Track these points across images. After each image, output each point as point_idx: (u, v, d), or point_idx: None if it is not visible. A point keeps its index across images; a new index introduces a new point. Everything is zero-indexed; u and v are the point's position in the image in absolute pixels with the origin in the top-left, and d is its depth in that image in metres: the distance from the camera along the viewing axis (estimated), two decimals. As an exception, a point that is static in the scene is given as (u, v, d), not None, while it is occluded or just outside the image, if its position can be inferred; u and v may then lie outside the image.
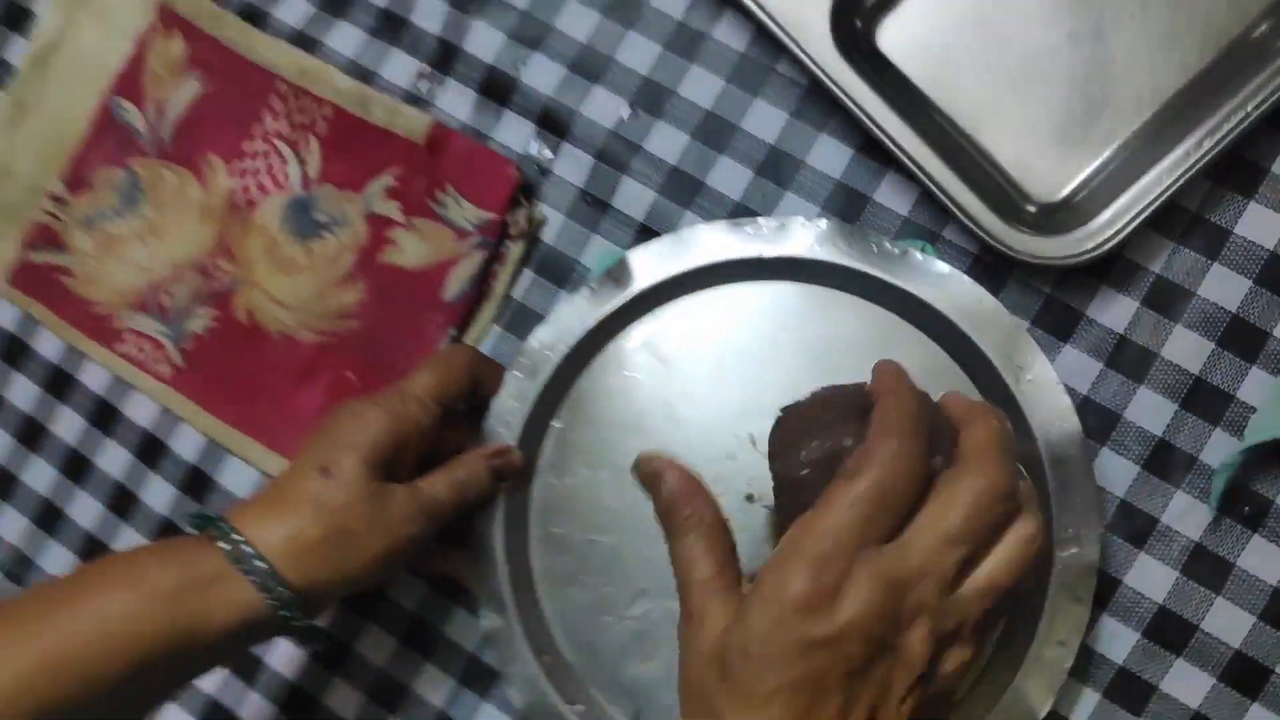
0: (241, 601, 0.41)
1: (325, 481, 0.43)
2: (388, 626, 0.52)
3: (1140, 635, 0.46)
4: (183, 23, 0.56)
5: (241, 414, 0.54)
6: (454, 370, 0.47)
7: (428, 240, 0.52)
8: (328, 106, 0.53)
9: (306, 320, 0.53)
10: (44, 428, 0.57)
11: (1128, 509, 0.46)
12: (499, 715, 0.51)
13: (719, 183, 0.50)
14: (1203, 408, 0.46)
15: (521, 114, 0.53)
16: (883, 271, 0.47)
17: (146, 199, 0.56)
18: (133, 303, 0.56)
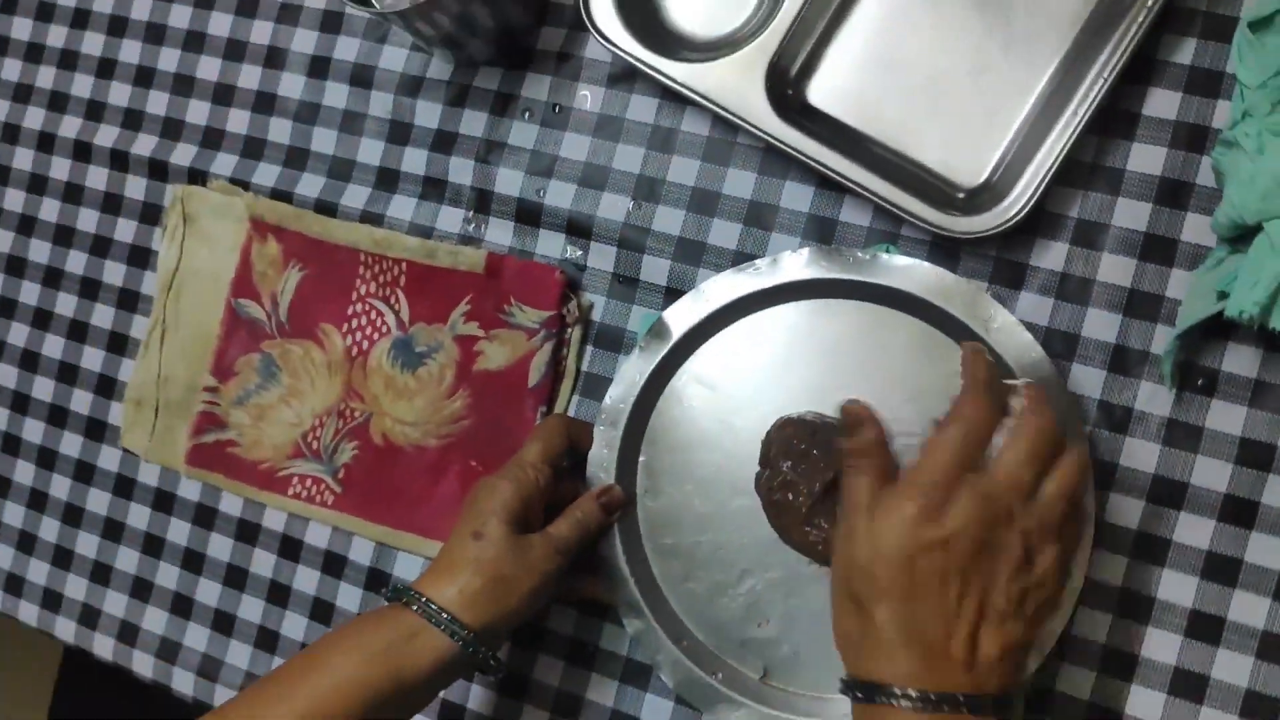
0: (437, 647, 0.54)
1: (478, 544, 0.56)
2: (553, 652, 0.64)
3: (1145, 501, 0.56)
4: (273, 228, 0.71)
5: (397, 516, 0.67)
6: (554, 436, 0.60)
7: (506, 345, 0.65)
8: (403, 263, 0.67)
9: (429, 430, 0.67)
10: (245, 569, 0.71)
11: (1105, 406, 0.57)
12: (659, 699, 0.62)
13: (717, 240, 0.63)
14: (1141, 311, 0.57)
15: (552, 229, 0.66)
16: (861, 275, 0.59)
17: (282, 371, 0.70)
18: (290, 453, 0.70)
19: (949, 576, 0.46)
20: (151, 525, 0.73)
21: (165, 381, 0.73)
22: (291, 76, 0.72)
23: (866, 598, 0.47)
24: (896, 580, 0.46)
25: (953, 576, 0.46)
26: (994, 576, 0.46)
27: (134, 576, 0.74)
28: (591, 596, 0.62)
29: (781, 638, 0.60)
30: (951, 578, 0.46)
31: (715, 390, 0.62)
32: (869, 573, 0.47)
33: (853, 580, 0.48)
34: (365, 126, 0.70)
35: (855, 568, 0.48)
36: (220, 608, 0.71)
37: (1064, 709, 0.57)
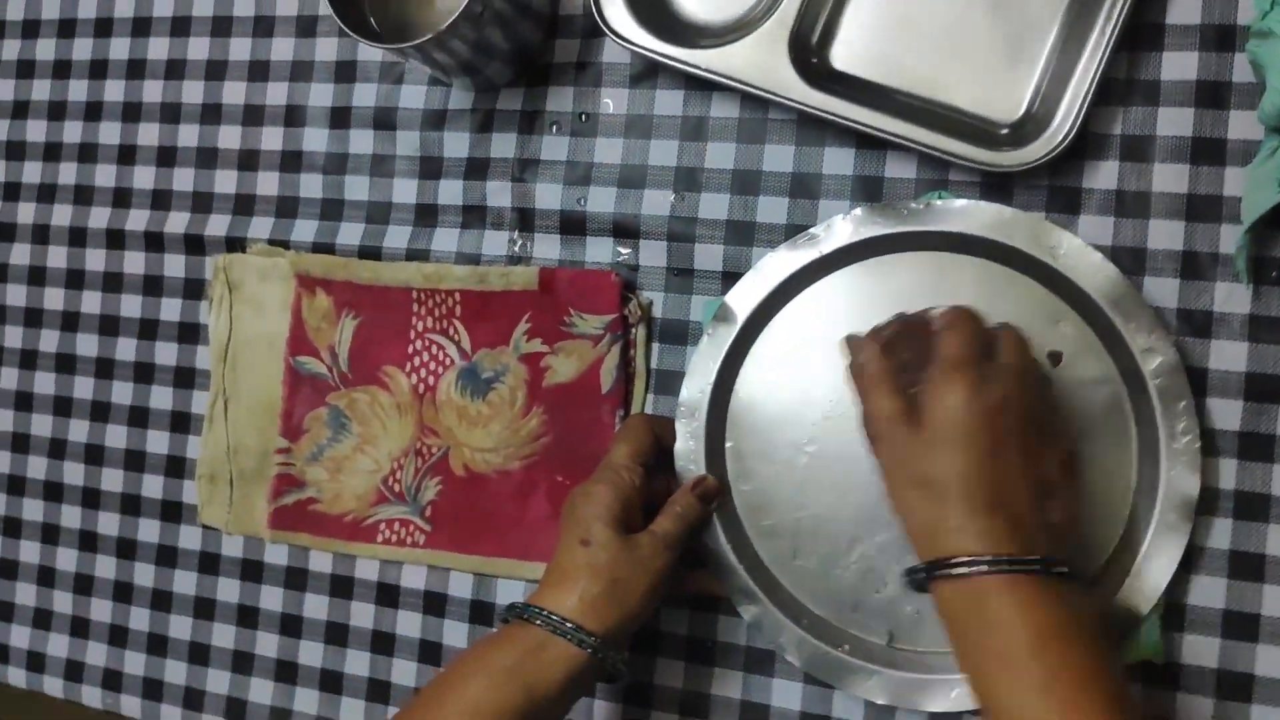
0: (565, 656, 0.53)
1: (588, 550, 0.55)
2: (672, 654, 0.64)
3: (1243, 400, 0.56)
4: (320, 281, 0.71)
5: (491, 544, 0.67)
6: (639, 435, 0.60)
7: (573, 356, 0.65)
8: (456, 294, 0.68)
9: (510, 453, 0.67)
10: (345, 625, 0.70)
11: (1185, 313, 0.57)
12: (787, 682, 0.62)
13: (766, 217, 0.63)
14: (1203, 214, 0.57)
15: (599, 234, 0.66)
16: (919, 225, 0.59)
17: (351, 420, 0.70)
18: (373, 501, 0.70)
19: (1012, 445, 0.49)
20: (243, 597, 0.73)
21: (236, 451, 0.73)
22: (314, 131, 0.73)
23: (937, 479, 0.49)
24: (968, 453, 0.48)
25: (1015, 445, 0.49)
26: (1041, 445, 0.50)
27: (233, 651, 0.73)
28: (702, 591, 0.62)
29: (902, 599, 0.59)
30: (1014, 446, 0.49)
31: (786, 365, 0.62)
32: (935, 457, 0.49)
33: (918, 470, 0.50)
34: (396, 167, 0.71)
35: (917, 459, 0.50)
36: (326, 667, 0.71)
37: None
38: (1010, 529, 0.48)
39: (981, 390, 0.49)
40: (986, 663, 0.47)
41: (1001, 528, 0.47)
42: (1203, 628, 0.56)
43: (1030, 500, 0.49)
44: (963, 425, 0.49)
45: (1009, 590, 0.46)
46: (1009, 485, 0.49)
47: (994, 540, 0.47)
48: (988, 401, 0.49)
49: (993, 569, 0.47)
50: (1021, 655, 0.45)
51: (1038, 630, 0.46)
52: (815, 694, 0.61)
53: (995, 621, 0.46)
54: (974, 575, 0.47)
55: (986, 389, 0.49)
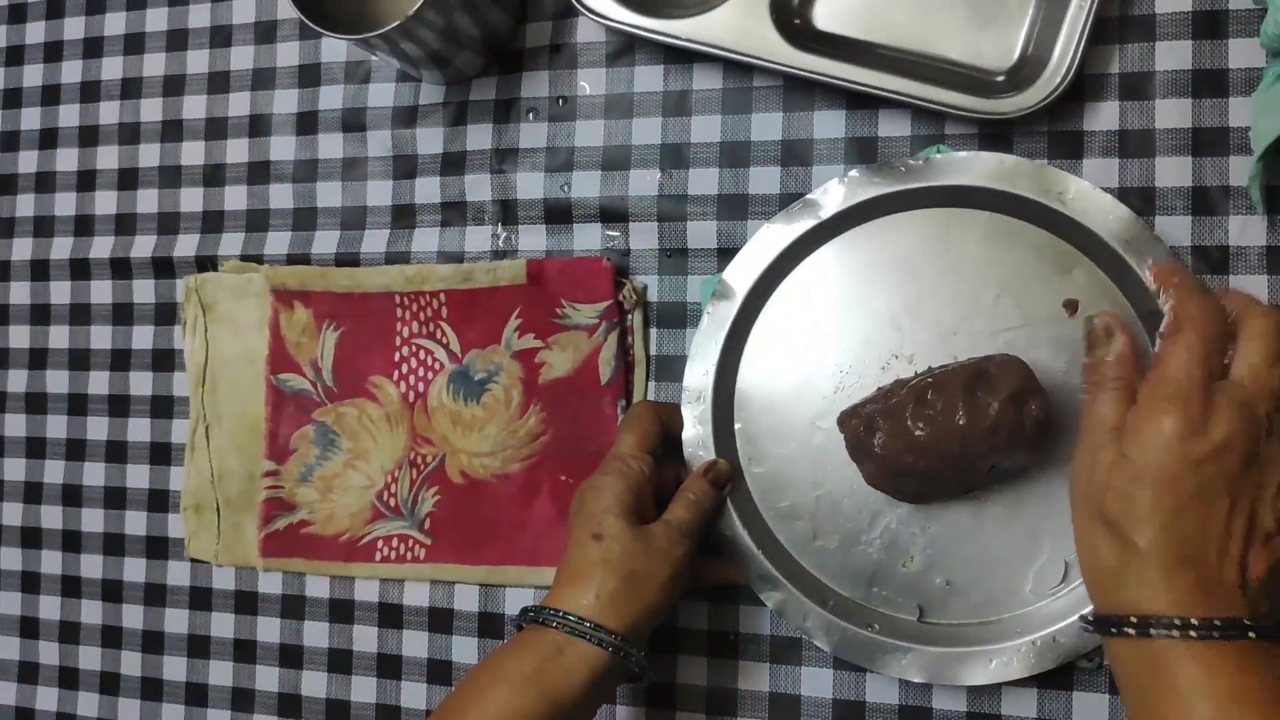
0: (587, 657, 0.51)
1: (601, 545, 0.53)
2: (694, 651, 0.61)
3: (1265, 336, 0.54)
4: (298, 294, 0.68)
5: (496, 552, 0.64)
6: (644, 423, 0.57)
7: (568, 348, 0.63)
8: (440, 294, 0.65)
9: (509, 456, 0.64)
10: (348, 650, 0.67)
11: (1200, 250, 0.55)
12: (817, 669, 0.59)
13: (759, 188, 0.61)
14: (1210, 147, 0.55)
15: (586, 220, 0.64)
16: (919, 182, 0.57)
17: (340, 436, 0.67)
18: (369, 518, 0.66)
19: (1219, 493, 0.42)
20: (239, 630, 0.70)
21: (221, 479, 0.70)
22: (281, 139, 0.70)
23: (1126, 522, 0.43)
24: (1163, 500, 0.42)
25: (1222, 493, 0.42)
26: (1261, 491, 0.43)
27: (232, 689, 0.70)
28: (720, 580, 0.59)
29: (930, 571, 0.56)
30: (1221, 494, 0.42)
31: (792, 340, 0.59)
32: (1128, 495, 0.43)
33: (1107, 505, 0.44)
34: (369, 169, 0.68)
35: (1109, 491, 0.44)
36: (332, 697, 0.67)
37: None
38: (1202, 589, 0.42)
39: (1199, 430, 0.42)
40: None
41: (1192, 587, 0.42)
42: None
43: (1232, 555, 0.42)
44: (1167, 466, 0.42)
45: (1194, 657, 0.41)
46: (1209, 539, 0.42)
47: (1183, 601, 0.42)
48: (1203, 445, 0.42)
49: (1178, 634, 0.41)
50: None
51: (1221, 706, 0.40)
52: (847, 679, 0.59)
53: (1176, 691, 0.41)
54: (1158, 639, 0.42)
55: (1206, 429, 0.42)
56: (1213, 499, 0.42)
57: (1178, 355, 0.44)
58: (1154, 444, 0.43)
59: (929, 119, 0.59)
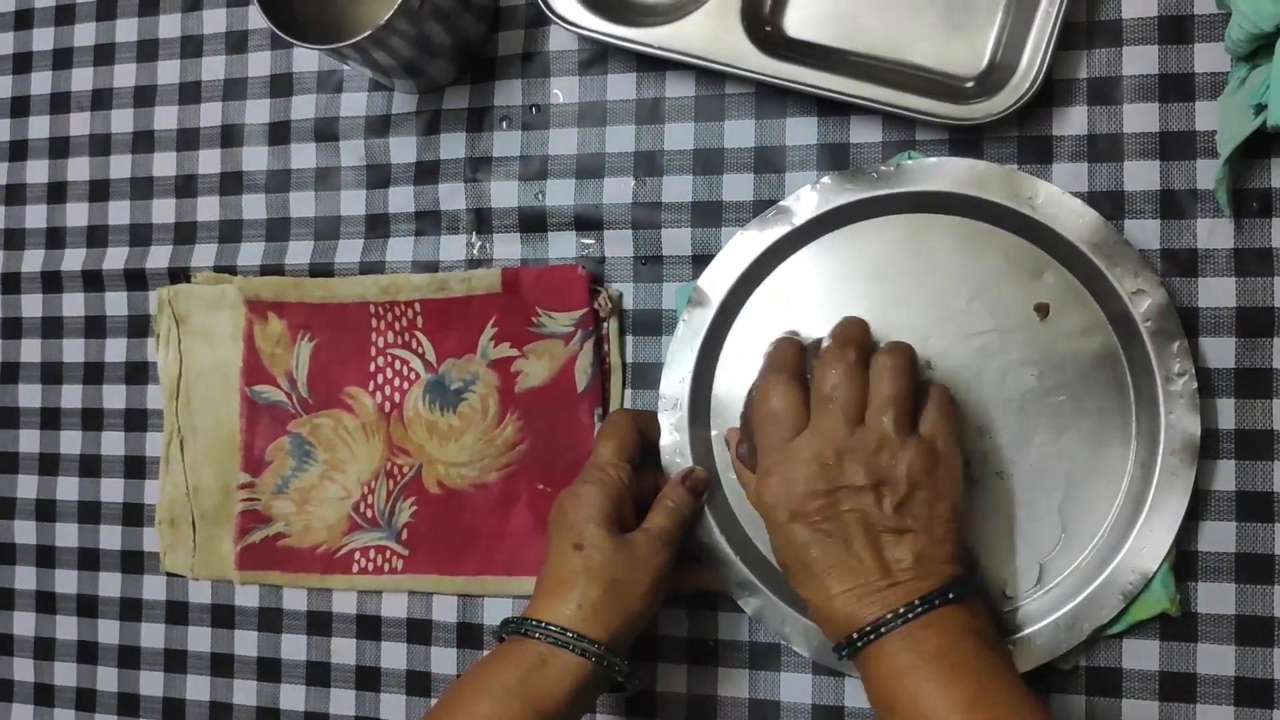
0: (570, 668, 0.51)
1: (582, 554, 0.53)
2: (674, 658, 0.61)
3: (1235, 337, 0.55)
4: (272, 305, 0.68)
5: (474, 563, 0.64)
6: (622, 431, 0.57)
7: (544, 357, 0.63)
8: (416, 304, 0.65)
9: (486, 465, 0.64)
10: (326, 663, 0.67)
11: (1169, 254, 0.56)
12: (797, 675, 0.59)
13: (733, 195, 0.61)
14: (1177, 150, 0.56)
15: (561, 229, 0.64)
16: (890, 188, 0.58)
17: (316, 447, 0.67)
18: (346, 529, 0.66)
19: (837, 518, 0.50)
20: (216, 645, 0.69)
21: (196, 492, 0.69)
22: (253, 150, 0.70)
23: (785, 564, 0.52)
24: (783, 534, 0.51)
25: (840, 516, 0.50)
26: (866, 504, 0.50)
27: (209, 703, 0.69)
28: (699, 588, 0.59)
29: (907, 575, 0.57)
30: (839, 517, 0.50)
31: (769, 343, 0.59)
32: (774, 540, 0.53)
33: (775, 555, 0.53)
34: (342, 179, 0.68)
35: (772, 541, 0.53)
36: (310, 710, 0.67)
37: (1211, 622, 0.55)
38: (865, 594, 0.49)
39: (766, 478, 0.51)
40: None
41: (859, 597, 0.49)
42: (1216, 574, 0.54)
43: (876, 557, 0.49)
44: (766, 511, 0.52)
45: (889, 645, 0.48)
46: (851, 554, 0.49)
47: (855, 610, 0.49)
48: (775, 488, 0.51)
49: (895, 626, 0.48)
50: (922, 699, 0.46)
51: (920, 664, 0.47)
52: (826, 684, 0.59)
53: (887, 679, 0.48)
54: (869, 646, 0.48)
55: (769, 476, 0.51)
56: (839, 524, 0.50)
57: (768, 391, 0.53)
58: (766, 493, 0.52)
59: (900, 125, 0.59)
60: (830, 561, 0.49)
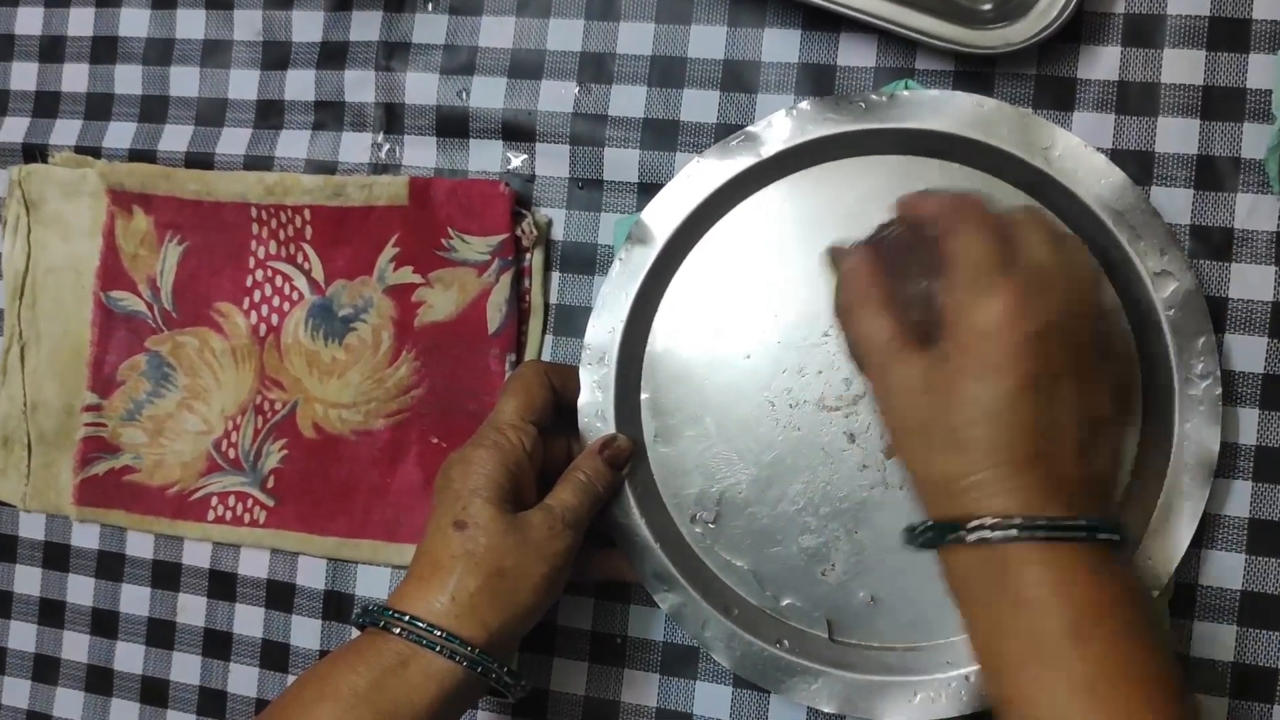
0: (436, 673, 0.40)
1: (463, 534, 0.41)
2: (573, 654, 0.50)
3: (1268, 337, 0.44)
4: (138, 197, 0.54)
5: (350, 522, 0.52)
6: (531, 387, 0.46)
7: (452, 287, 0.51)
8: (305, 211, 0.52)
9: (373, 410, 0.52)
10: (170, 622, 0.55)
11: (1200, 231, 0.45)
12: (714, 686, 0.48)
13: (692, 114, 0.49)
14: (1223, 110, 0.45)
15: (485, 136, 0.51)
16: (880, 122, 0.46)
17: (176, 370, 0.54)
18: (204, 469, 0.54)
19: (1061, 370, 0.36)
20: (46, 589, 0.56)
21: (34, 409, 0.56)
22: (133, 12, 0.56)
23: (962, 420, 0.36)
24: (1004, 386, 0.35)
25: (1065, 370, 0.36)
26: (1095, 372, 0.37)
27: (34, 655, 0.57)
28: (610, 575, 0.48)
29: (853, 582, 0.46)
30: (1064, 372, 0.36)
31: (720, 296, 0.48)
32: (960, 389, 0.36)
33: (935, 407, 0.37)
34: (233, 55, 0.54)
35: (935, 390, 0.37)
36: (148, 674, 0.55)
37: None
38: (1052, 485, 0.35)
39: (1027, 303, 0.35)
40: (1012, 650, 0.35)
41: (1041, 483, 0.35)
42: (1217, 614, 0.44)
43: (1078, 447, 0.36)
44: (1000, 350, 0.35)
45: (1045, 561, 0.34)
46: (1055, 428, 0.36)
47: (1030, 499, 0.35)
48: (1035, 319, 0.35)
49: (1025, 534, 0.34)
50: (1060, 644, 0.34)
51: (1081, 612, 0.34)
52: (748, 700, 0.48)
53: (1026, 600, 0.34)
54: (1002, 542, 0.35)
55: (1033, 302, 0.35)
56: (1058, 382, 0.36)
57: (970, 243, 0.37)
58: (982, 325, 0.36)
59: (898, 48, 0.47)
60: (1026, 426, 0.35)
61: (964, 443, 0.36)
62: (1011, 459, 0.35)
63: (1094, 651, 0.33)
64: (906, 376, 0.37)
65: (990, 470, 0.35)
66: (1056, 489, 0.35)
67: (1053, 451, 0.35)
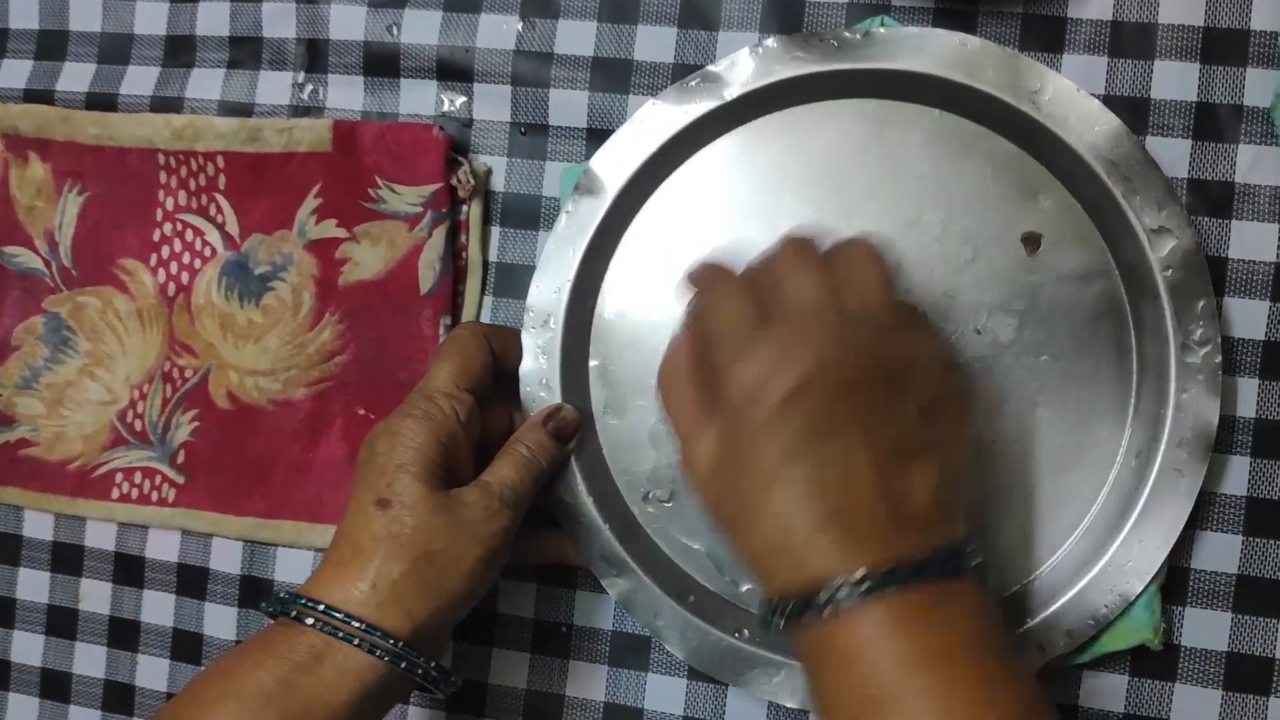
0: (353, 669, 0.35)
1: (386, 514, 0.36)
2: (513, 644, 0.45)
3: (1269, 301, 0.40)
4: (33, 143, 0.48)
5: (268, 502, 0.46)
6: (467, 351, 0.40)
7: (380, 242, 0.45)
8: (217, 157, 0.46)
9: (292, 377, 0.46)
10: (73, 609, 0.49)
11: (1198, 185, 0.41)
12: (667, 678, 0.44)
13: (647, 54, 0.44)
14: (1224, 54, 0.40)
15: (417, 76, 0.46)
16: (852, 62, 0.41)
17: (77, 334, 0.48)
18: (108, 442, 0.48)
19: (838, 425, 0.31)
20: (-66, 574, 0.51)
21: (-81, 377, 0.50)
22: (25, -65, 0.50)
23: (745, 489, 0.32)
24: (777, 444, 0.31)
25: (846, 424, 0.32)
26: (893, 395, 0.32)
27: (-78, 647, 0.51)
28: (554, 558, 0.43)
29: (820, 567, 0.42)
30: (846, 425, 0.31)
31: (676, 255, 0.43)
32: (741, 457, 0.32)
33: (723, 477, 0.33)
34: (138, -16, 0.49)
35: (721, 460, 0.33)
36: (48, 666, 0.49)
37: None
38: (854, 539, 0.31)
39: (781, 358, 0.31)
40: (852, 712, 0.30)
41: (845, 538, 0.31)
42: (1211, 599, 0.40)
43: (881, 485, 0.31)
44: (762, 413, 0.31)
45: (869, 614, 0.30)
46: (846, 476, 0.31)
47: (837, 557, 0.30)
48: (791, 374, 0.31)
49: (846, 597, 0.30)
50: (898, 689, 0.29)
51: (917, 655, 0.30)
52: (704, 693, 0.44)
53: (854, 656, 0.30)
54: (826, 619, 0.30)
55: (789, 354, 0.31)
56: (829, 432, 0.31)
57: (719, 308, 0.34)
58: (740, 399, 0.32)
59: (875, -19, 0.43)
60: (811, 486, 0.31)
61: (763, 512, 0.32)
62: (812, 521, 0.31)
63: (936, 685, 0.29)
64: (704, 446, 0.33)
65: (804, 534, 0.31)
66: (864, 539, 0.31)
67: (849, 505, 0.31)
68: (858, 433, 0.31)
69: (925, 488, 0.32)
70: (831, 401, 0.31)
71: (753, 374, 0.32)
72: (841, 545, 0.31)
